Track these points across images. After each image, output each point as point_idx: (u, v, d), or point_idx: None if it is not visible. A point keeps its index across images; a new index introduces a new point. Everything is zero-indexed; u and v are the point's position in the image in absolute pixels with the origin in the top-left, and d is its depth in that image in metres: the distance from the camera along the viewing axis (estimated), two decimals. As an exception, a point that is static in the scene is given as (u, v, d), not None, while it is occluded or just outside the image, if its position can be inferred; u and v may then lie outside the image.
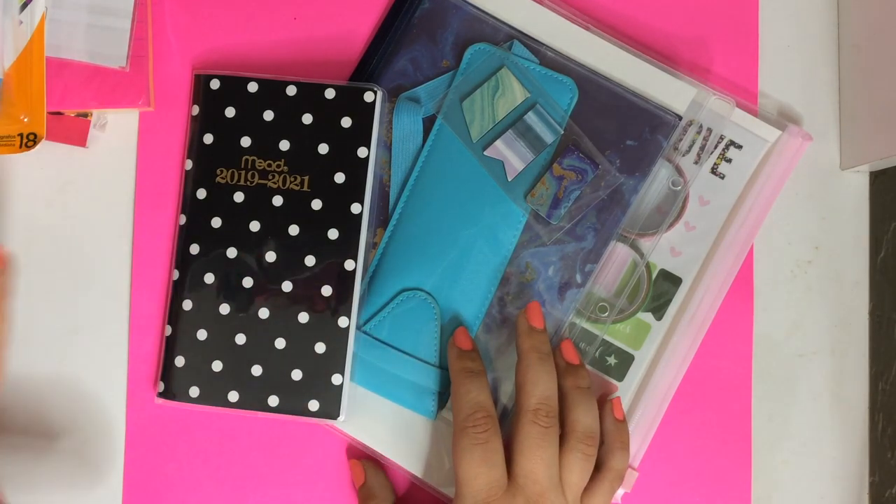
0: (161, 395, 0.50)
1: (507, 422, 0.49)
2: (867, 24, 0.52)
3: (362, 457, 0.51)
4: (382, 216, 0.51)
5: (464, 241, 0.51)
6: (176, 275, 0.51)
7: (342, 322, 0.49)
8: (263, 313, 0.50)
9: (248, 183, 0.50)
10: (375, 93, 0.50)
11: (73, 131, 0.52)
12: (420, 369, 0.50)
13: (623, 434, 0.48)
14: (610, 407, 0.49)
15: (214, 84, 0.51)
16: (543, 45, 0.51)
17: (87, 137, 0.52)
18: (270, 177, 0.50)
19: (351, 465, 0.51)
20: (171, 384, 0.50)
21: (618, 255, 0.51)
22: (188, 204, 0.51)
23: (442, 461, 0.50)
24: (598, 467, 0.47)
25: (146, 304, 0.52)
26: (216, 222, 0.50)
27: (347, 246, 0.50)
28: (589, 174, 0.50)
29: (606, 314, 0.51)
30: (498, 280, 0.51)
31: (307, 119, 0.50)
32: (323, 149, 0.50)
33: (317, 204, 0.50)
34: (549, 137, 0.51)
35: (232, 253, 0.50)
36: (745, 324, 0.52)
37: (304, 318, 0.50)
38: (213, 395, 0.50)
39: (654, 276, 0.51)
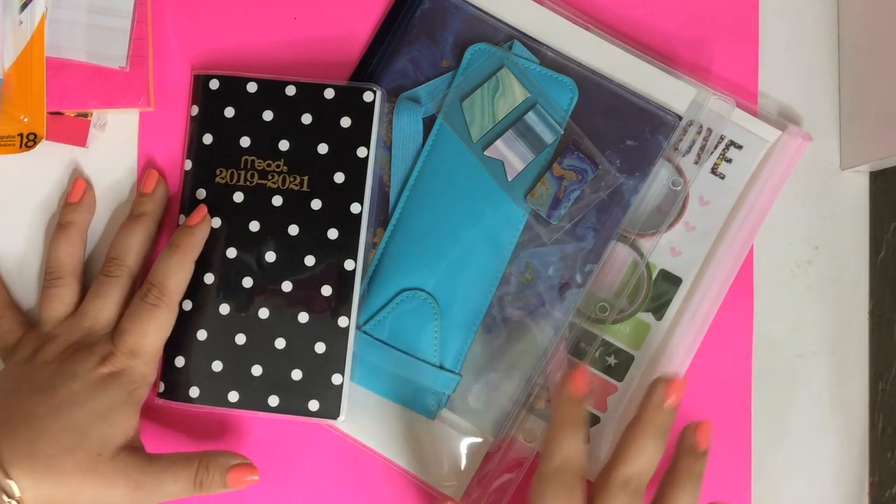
0: (161, 395, 0.50)
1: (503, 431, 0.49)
2: (867, 24, 0.51)
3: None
4: (382, 216, 0.51)
5: (464, 241, 0.51)
6: (176, 275, 0.51)
7: (342, 322, 0.49)
8: (263, 313, 0.50)
9: (248, 183, 0.50)
10: (375, 93, 0.50)
11: (73, 131, 0.52)
12: (420, 369, 0.50)
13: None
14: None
15: (214, 84, 0.51)
16: (543, 45, 0.51)
17: (87, 137, 0.52)
18: (270, 177, 0.50)
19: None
20: (171, 384, 0.50)
21: (618, 255, 0.51)
22: (188, 204, 0.51)
23: (441, 461, 0.50)
24: None
25: (146, 304, 0.52)
26: (216, 222, 0.50)
27: (347, 246, 0.50)
28: (589, 174, 0.50)
29: (606, 314, 0.51)
30: (498, 280, 0.51)
31: (307, 119, 0.50)
32: (322, 149, 0.50)
33: (316, 204, 0.50)
34: (549, 137, 0.51)
35: (232, 253, 0.50)
36: (745, 324, 0.52)
37: (304, 318, 0.50)
38: (213, 395, 0.50)
39: (654, 276, 0.51)
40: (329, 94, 0.50)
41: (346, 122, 0.50)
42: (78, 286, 0.50)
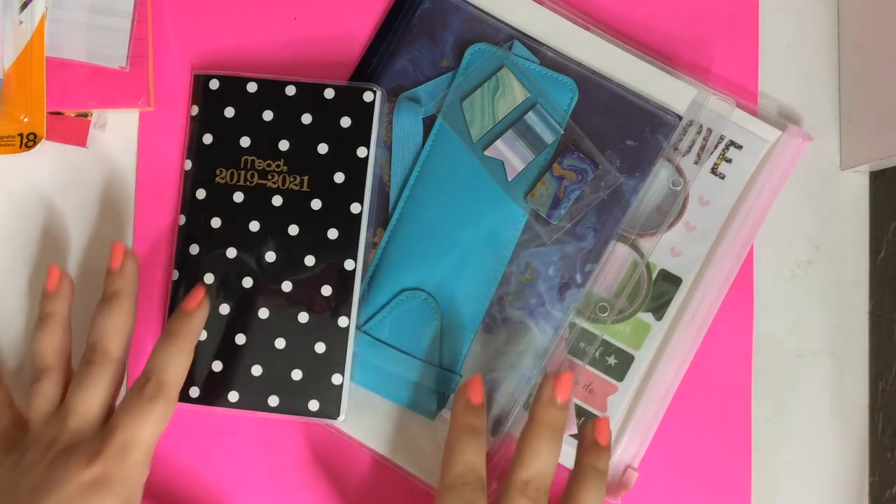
0: (161, 395, 0.50)
1: (500, 434, 0.49)
2: (867, 24, 0.51)
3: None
4: (382, 216, 0.51)
5: (464, 241, 0.51)
6: (176, 275, 0.51)
7: (342, 322, 0.49)
8: (263, 313, 0.50)
9: (248, 183, 0.50)
10: (375, 93, 0.50)
11: (73, 131, 0.52)
12: (420, 369, 0.50)
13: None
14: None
15: (214, 84, 0.51)
16: (543, 45, 0.51)
17: (87, 137, 0.52)
18: (270, 177, 0.50)
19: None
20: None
21: (618, 255, 0.51)
22: (188, 204, 0.51)
23: (441, 461, 0.50)
24: None
25: (146, 304, 0.52)
26: (216, 222, 0.50)
27: (347, 246, 0.50)
28: (589, 174, 0.50)
29: (606, 314, 0.51)
30: (498, 280, 0.51)
31: (306, 119, 0.50)
32: (322, 149, 0.50)
33: (316, 204, 0.50)
34: (549, 137, 0.51)
35: (231, 253, 0.50)
36: (745, 324, 0.52)
37: (304, 318, 0.50)
38: (213, 395, 0.50)
39: (654, 276, 0.51)
40: (329, 94, 0.50)
41: (346, 122, 0.50)
42: (63, 379, 0.47)
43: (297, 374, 0.49)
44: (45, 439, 0.44)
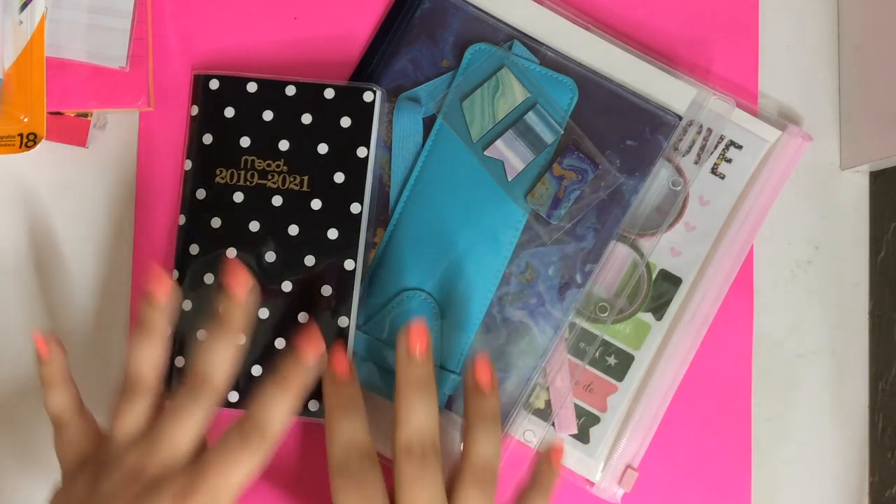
0: (161, 395, 0.50)
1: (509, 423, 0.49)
2: (867, 24, 0.51)
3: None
4: (382, 216, 0.51)
5: (464, 241, 0.51)
6: (176, 275, 0.51)
7: (342, 322, 0.49)
8: (263, 313, 0.50)
9: (248, 183, 0.50)
10: (375, 93, 0.50)
11: (73, 131, 0.52)
12: (420, 369, 0.50)
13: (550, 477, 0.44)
14: (548, 450, 0.45)
15: (214, 84, 0.51)
16: (543, 45, 0.51)
17: (87, 137, 0.52)
18: (270, 177, 0.50)
19: None
20: (171, 384, 0.50)
21: (618, 255, 0.51)
22: (188, 204, 0.51)
23: (441, 461, 0.50)
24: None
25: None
26: (216, 222, 0.50)
27: (347, 246, 0.50)
28: (589, 174, 0.50)
29: (606, 314, 0.51)
30: (498, 280, 0.51)
31: (307, 119, 0.50)
32: (322, 149, 0.50)
33: (316, 204, 0.50)
34: (549, 137, 0.51)
35: (231, 253, 0.50)
36: (745, 324, 0.52)
37: (303, 318, 0.50)
38: (213, 395, 0.50)
39: (654, 276, 0.51)
40: (329, 94, 0.50)
41: (346, 122, 0.50)
42: (157, 400, 0.44)
43: (297, 374, 0.49)
44: (129, 465, 0.41)
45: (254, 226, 0.50)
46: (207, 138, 0.51)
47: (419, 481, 0.41)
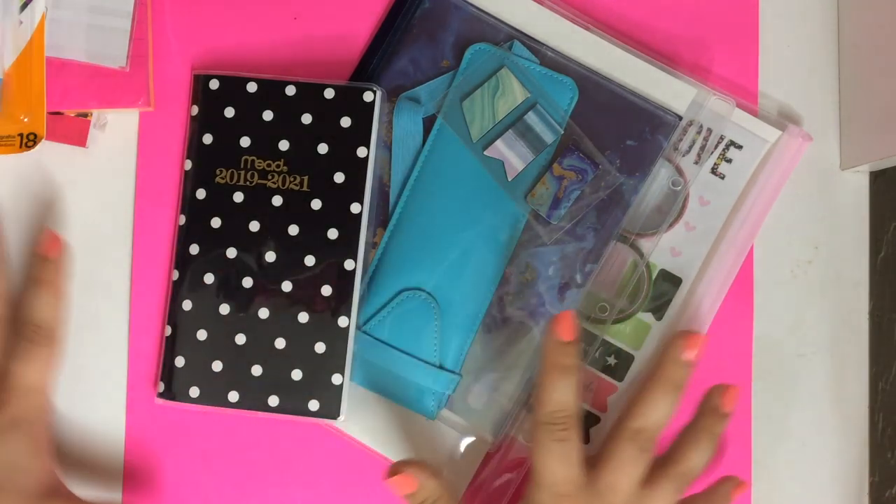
0: (161, 395, 0.50)
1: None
2: (867, 24, 0.51)
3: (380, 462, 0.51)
4: (382, 216, 0.51)
5: (464, 241, 0.51)
6: (176, 275, 0.51)
7: (342, 322, 0.49)
8: (263, 313, 0.50)
9: (248, 183, 0.50)
10: (375, 92, 0.50)
11: (73, 131, 0.52)
12: (420, 369, 0.50)
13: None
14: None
15: (213, 84, 0.51)
16: (543, 45, 0.51)
17: (87, 137, 0.52)
18: (270, 177, 0.50)
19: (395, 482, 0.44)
20: (171, 384, 0.50)
21: (618, 255, 0.51)
22: (188, 204, 0.51)
23: (441, 461, 0.50)
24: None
25: (146, 304, 0.52)
26: (216, 222, 0.50)
27: (347, 246, 0.50)
28: (589, 174, 0.50)
29: (606, 314, 0.51)
30: (498, 280, 0.51)
31: (306, 119, 0.50)
32: (322, 149, 0.50)
33: (316, 204, 0.50)
34: (549, 137, 0.51)
35: (231, 253, 0.50)
36: (745, 324, 0.52)
37: (304, 318, 0.50)
38: (213, 395, 0.50)
39: (654, 276, 0.51)
40: (329, 94, 0.50)
41: (346, 122, 0.50)
42: None
43: (297, 374, 0.49)
44: None
45: (254, 226, 0.50)
46: (207, 138, 0.51)
47: (634, 462, 0.44)
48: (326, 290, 0.50)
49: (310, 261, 0.50)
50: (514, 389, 0.50)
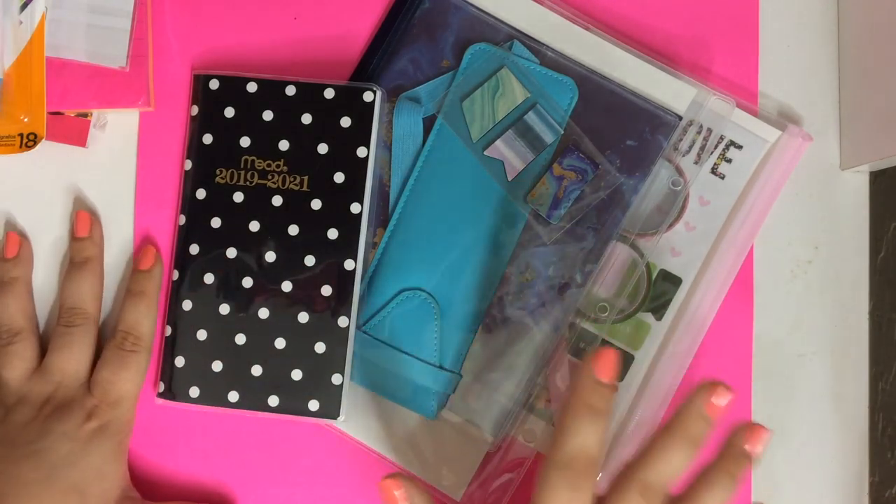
0: (161, 395, 0.50)
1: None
2: (867, 24, 0.51)
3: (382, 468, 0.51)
4: (382, 216, 0.51)
5: (464, 241, 0.51)
6: (176, 275, 0.51)
7: (342, 322, 0.49)
8: (263, 313, 0.50)
9: (248, 183, 0.50)
10: (375, 92, 0.50)
11: (73, 131, 0.52)
12: (420, 369, 0.50)
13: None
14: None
15: (213, 84, 0.51)
16: (543, 45, 0.51)
17: (87, 137, 0.52)
18: (270, 177, 0.50)
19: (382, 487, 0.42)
20: (171, 384, 0.50)
21: (618, 255, 0.51)
22: (188, 204, 0.51)
23: (441, 461, 0.50)
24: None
25: (146, 304, 0.52)
26: (216, 222, 0.50)
27: (347, 246, 0.50)
28: (589, 174, 0.50)
29: (606, 314, 0.51)
30: (498, 280, 0.51)
31: (306, 119, 0.50)
32: (322, 149, 0.50)
33: (316, 204, 0.50)
34: (549, 137, 0.51)
35: (231, 253, 0.50)
36: (745, 324, 0.52)
37: (304, 318, 0.50)
38: (213, 395, 0.50)
39: (654, 276, 0.51)
40: (329, 94, 0.50)
41: (346, 122, 0.50)
42: (36, 340, 0.50)
43: (297, 374, 0.49)
44: (32, 397, 0.48)
45: (254, 226, 0.50)
46: (207, 138, 0.51)
47: (566, 500, 0.40)
48: (326, 290, 0.50)
49: (310, 261, 0.50)
50: (514, 389, 0.50)
